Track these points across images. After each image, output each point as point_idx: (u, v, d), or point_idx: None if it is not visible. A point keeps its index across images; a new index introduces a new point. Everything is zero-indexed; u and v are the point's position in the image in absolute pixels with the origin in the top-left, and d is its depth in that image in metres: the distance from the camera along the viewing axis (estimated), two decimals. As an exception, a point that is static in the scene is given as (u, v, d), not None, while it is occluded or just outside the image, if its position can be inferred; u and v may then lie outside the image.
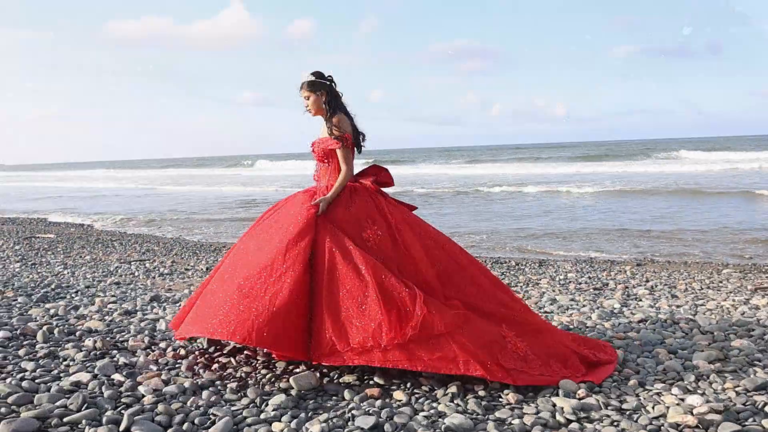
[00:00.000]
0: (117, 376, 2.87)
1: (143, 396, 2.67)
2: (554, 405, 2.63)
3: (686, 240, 9.23)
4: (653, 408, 2.60)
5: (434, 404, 2.64)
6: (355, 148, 3.27)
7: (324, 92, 3.24)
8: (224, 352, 3.28)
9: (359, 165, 3.41)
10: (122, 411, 2.48)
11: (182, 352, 3.27)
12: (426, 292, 2.91)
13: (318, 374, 2.92)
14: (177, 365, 3.07)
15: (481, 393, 2.74)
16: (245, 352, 3.25)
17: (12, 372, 2.91)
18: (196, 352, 3.26)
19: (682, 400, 2.66)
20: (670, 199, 15.11)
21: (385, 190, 3.35)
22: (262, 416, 2.50)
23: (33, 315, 4.08)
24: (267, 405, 2.61)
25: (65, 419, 2.39)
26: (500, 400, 2.70)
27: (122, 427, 2.34)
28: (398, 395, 2.73)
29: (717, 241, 9.01)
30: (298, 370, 2.96)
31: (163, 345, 3.40)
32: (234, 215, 14.53)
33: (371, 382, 2.87)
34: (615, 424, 2.46)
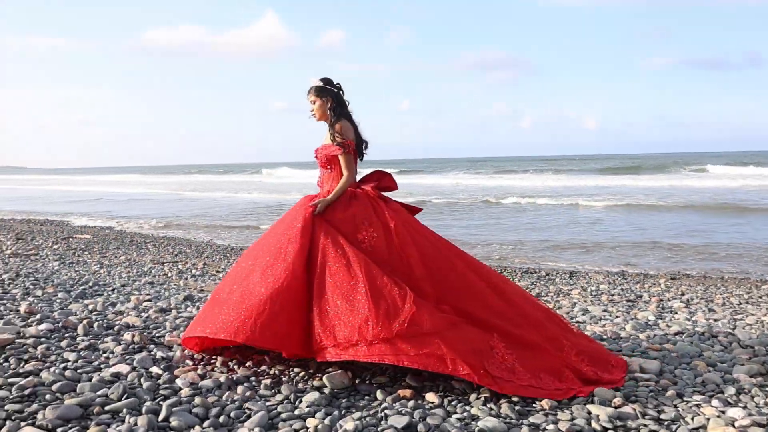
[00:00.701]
0: (155, 369, 2.94)
1: (180, 389, 2.73)
2: (589, 413, 2.59)
3: (720, 255, 8.99)
4: (692, 419, 2.54)
5: (467, 407, 2.63)
6: (357, 156, 3.31)
7: (330, 98, 3.29)
8: (257, 349, 3.32)
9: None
10: (161, 402, 2.54)
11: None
12: (418, 296, 2.89)
13: (350, 374, 2.93)
14: (212, 361, 3.13)
15: (515, 398, 2.71)
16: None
17: (55, 362, 3.00)
18: (231, 349, 3.31)
19: (723, 412, 2.60)
20: (704, 214, 14.75)
21: (391, 194, 3.36)
22: (297, 412, 2.53)
23: (73, 309, 4.20)
24: (301, 402, 2.64)
25: (107, 407, 2.46)
26: (534, 405, 2.68)
27: (161, 416, 2.40)
28: (430, 397, 2.72)
29: (753, 257, 8.76)
30: (330, 369, 2.99)
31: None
32: (258, 222, 14.70)
33: (403, 383, 2.88)
34: (653, 433, 2.41)
